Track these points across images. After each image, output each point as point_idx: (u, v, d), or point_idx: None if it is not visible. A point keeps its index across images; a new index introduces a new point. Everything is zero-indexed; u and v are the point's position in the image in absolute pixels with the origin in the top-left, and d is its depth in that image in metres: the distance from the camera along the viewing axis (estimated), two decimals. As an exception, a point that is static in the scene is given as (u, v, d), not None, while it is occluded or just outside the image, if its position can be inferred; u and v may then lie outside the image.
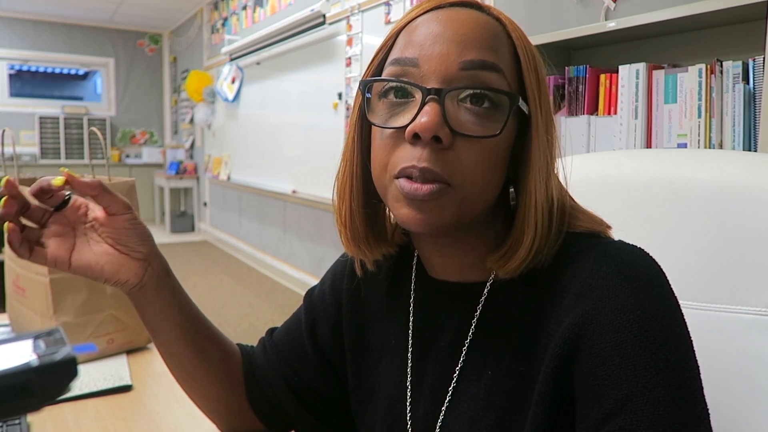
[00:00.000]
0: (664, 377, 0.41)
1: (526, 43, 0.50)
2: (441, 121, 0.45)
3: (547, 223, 0.48)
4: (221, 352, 0.66)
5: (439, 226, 0.48)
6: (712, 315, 0.59)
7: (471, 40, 0.47)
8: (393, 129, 0.48)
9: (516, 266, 0.49)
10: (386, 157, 0.49)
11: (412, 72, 0.48)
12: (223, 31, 5.51)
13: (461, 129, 0.46)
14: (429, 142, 0.46)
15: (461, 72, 0.46)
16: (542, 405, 0.46)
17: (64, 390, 0.30)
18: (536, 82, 0.49)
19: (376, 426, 0.61)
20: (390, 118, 0.49)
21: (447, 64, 0.46)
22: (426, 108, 0.45)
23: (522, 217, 0.49)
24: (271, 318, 3.51)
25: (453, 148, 0.46)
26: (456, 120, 0.46)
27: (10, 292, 1.09)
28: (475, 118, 0.47)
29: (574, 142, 1.87)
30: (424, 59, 0.47)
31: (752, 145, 1.48)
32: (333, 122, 3.66)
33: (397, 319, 0.61)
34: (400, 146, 0.48)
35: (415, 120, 0.46)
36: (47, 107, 6.73)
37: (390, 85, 0.49)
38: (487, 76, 0.47)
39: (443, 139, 0.45)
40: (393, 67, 0.49)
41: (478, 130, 0.46)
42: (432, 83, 0.47)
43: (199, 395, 0.67)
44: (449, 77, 0.46)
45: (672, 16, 1.57)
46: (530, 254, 0.48)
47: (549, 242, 0.49)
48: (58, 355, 0.29)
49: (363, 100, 0.51)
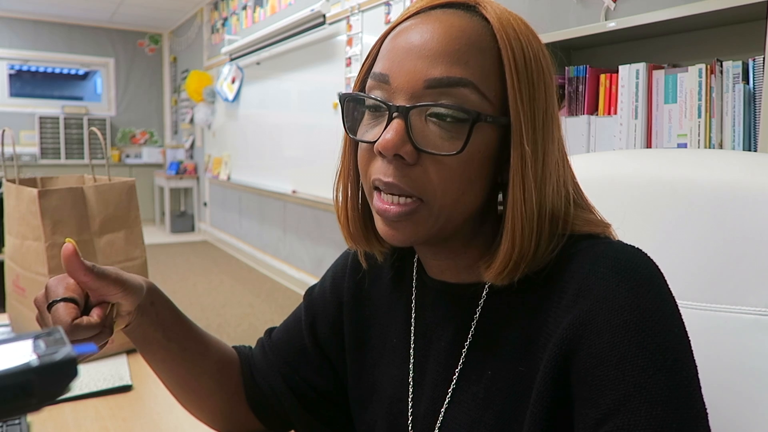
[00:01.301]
0: (661, 377, 0.41)
1: (519, 44, 0.47)
2: (403, 138, 0.46)
3: (530, 233, 0.47)
4: (216, 363, 0.66)
5: (415, 240, 0.49)
6: (712, 315, 0.59)
7: (438, 55, 0.46)
8: (366, 143, 0.50)
9: (496, 273, 0.48)
10: (365, 168, 0.51)
11: (384, 87, 0.49)
12: (223, 31, 5.51)
13: (425, 146, 0.46)
14: (393, 158, 0.47)
15: (426, 90, 0.46)
16: (540, 405, 0.46)
17: (64, 390, 0.30)
18: (527, 87, 0.47)
19: (376, 424, 0.61)
20: (367, 131, 0.50)
21: (414, 81, 0.47)
22: (392, 124, 0.46)
23: (502, 225, 0.48)
24: (271, 318, 3.51)
25: (420, 164, 0.47)
26: (422, 136, 0.47)
27: (10, 292, 1.09)
28: (443, 132, 0.47)
29: (575, 142, 1.87)
30: (394, 75, 0.48)
31: (752, 145, 1.48)
32: (333, 122, 3.66)
33: (399, 318, 0.61)
34: (374, 158, 0.49)
35: (381, 137, 0.47)
36: (47, 107, 6.73)
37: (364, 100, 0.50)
38: (453, 92, 0.46)
39: (405, 156, 0.46)
40: (371, 81, 0.50)
41: (444, 147, 0.46)
42: (400, 99, 0.47)
43: (195, 407, 0.67)
44: (416, 94, 0.47)
45: (672, 16, 1.57)
46: (509, 264, 0.47)
47: (540, 249, 0.48)
48: (58, 355, 0.29)
49: (342, 113, 0.52)
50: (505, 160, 0.49)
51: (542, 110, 0.48)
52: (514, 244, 0.47)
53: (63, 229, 0.98)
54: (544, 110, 0.48)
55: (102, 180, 1.11)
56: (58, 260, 0.97)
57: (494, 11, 0.49)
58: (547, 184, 0.48)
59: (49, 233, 0.97)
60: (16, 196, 1.02)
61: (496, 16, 0.48)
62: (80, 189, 1.01)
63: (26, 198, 0.99)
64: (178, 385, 0.65)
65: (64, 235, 0.98)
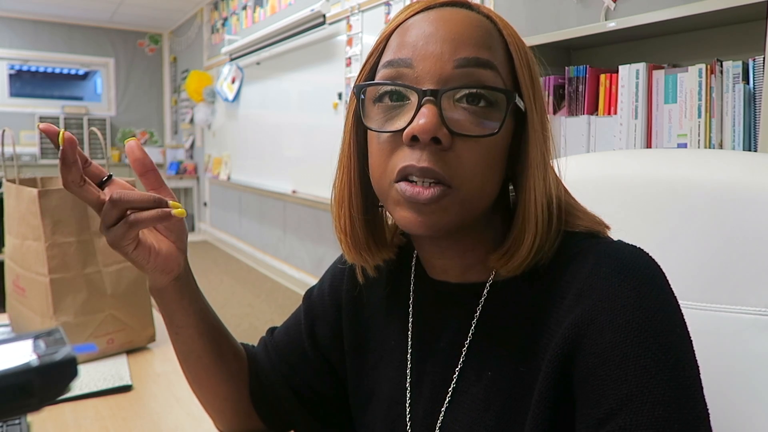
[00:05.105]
0: (663, 377, 0.41)
1: (518, 40, 0.50)
2: (438, 122, 0.45)
3: (547, 220, 0.49)
4: (234, 351, 0.66)
5: (441, 228, 0.48)
6: (712, 315, 0.59)
7: (464, 38, 0.47)
8: (390, 133, 0.48)
9: (518, 264, 0.49)
10: (385, 162, 0.49)
11: (406, 73, 0.47)
12: (223, 31, 5.51)
13: (459, 129, 0.46)
14: (428, 144, 0.45)
15: (456, 70, 0.46)
16: (542, 405, 0.46)
17: (64, 390, 0.30)
18: (530, 79, 0.49)
19: (375, 427, 0.61)
20: (386, 122, 0.49)
21: (441, 63, 0.46)
22: (423, 110, 0.45)
23: (522, 214, 0.48)
24: (271, 318, 3.51)
25: (452, 149, 0.46)
26: (453, 120, 0.46)
27: (10, 292, 1.09)
28: (473, 117, 0.46)
29: (574, 142, 1.87)
30: (418, 59, 0.47)
31: (752, 145, 1.48)
32: (333, 122, 3.66)
33: (397, 321, 0.61)
34: (398, 150, 0.48)
35: (413, 122, 0.45)
36: (47, 107, 6.72)
37: (385, 88, 0.49)
38: (482, 73, 0.46)
39: (442, 140, 0.45)
40: (387, 70, 0.49)
41: (477, 130, 0.46)
42: (427, 84, 0.46)
43: (210, 394, 0.67)
44: (444, 77, 0.46)
45: (672, 16, 1.57)
46: (532, 251, 0.48)
47: (549, 239, 0.49)
48: (58, 355, 0.29)
49: (358, 105, 0.51)
50: (512, 151, 0.50)
51: (540, 101, 0.50)
52: (537, 232, 0.48)
53: (63, 229, 0.98)
54: (542, 101, 0.50)
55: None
56: (58, 260, 0.97)
57: (487, 10, 0.51)
58: (549, 173, 0.50)
59: (49, 233, 0.97)
60: (16, 196, 1.02)
61: (492, 14, 0.51)
62: (80, 189, 1.01)
63: (26, 198, 0.99)
64: (201, 365, 0.64)
65: (64, 235, 0.98)
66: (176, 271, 0.58)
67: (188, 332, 0.62)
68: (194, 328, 0.62)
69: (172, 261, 0.57)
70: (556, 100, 1.93)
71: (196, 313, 0.62)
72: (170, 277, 0.58)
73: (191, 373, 0.65)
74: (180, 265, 0.58)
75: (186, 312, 0.61)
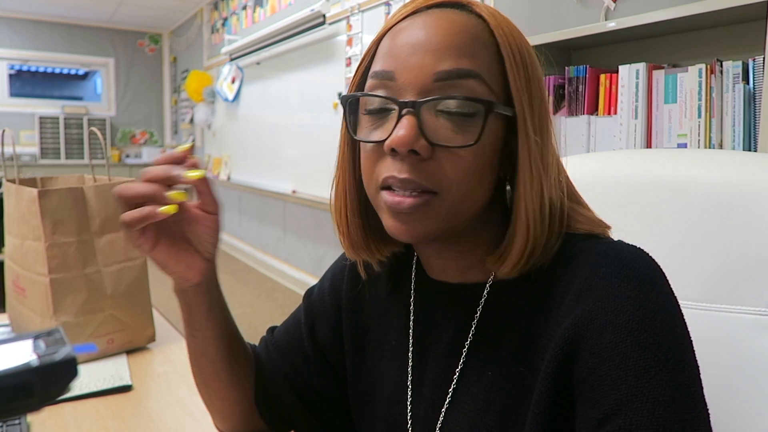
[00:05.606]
0: (663, 377, 0.41)
1: (514, 39, 0.49)
2: (417, 134, 0.46)
3: (541, 224, 0.48)
4: (245, 357, 0.66)
5: (426, 235, 0.49)
6: (712, 315, 0.59)
7: (445, 48, 0.47)
8: (373, 143, 0.49)
9: (511, 267, 0.49)
10: (371, 169, 0.50)
11: (389, 85, 0.48)
12: (223, 31, 5.51)
13: (438, 140, 0.46)
14: (407, 155, 0.46)
15: (436, 83, 0.46)
16: (542, 405, 0.46)
17: (64, 390, 0.30)
18: (525, 81, 0.48)
19: (376, 426, 0.61)
20: (372, 132, 0.50)
21: (422, 75, 0.47)
22: (403, 121, 0.46)
23: (515, 218, 0.49)
24: (271, 318, 3.51)
25: (434, 158, 0.47)
26: (433, 131, 0.46)
27: (10, 292, 1.09)
28: (453, 126, 0.47)
29: (574, 142, 1.87)
30: (401, 71, 0.47)
31: (752, 145, 1.48)
32: (333, 122, 3.66)
33: (397, 320, 0.61)
34: (382, 159, 0.49)
35: (392, 134, 0.46)
36: (47, 107, 6.73)
37: (369, 99, 0.50)
38: (463, 84, 0.46)
39: (420, 151, 0.46)
40: (372, 81, 0.50)
41: (457, 139, 0.46)
42: (408, 95, 0.47)
43: (217, 398, 0.67)
44: (425, 89, 0.47)
45: (672, 16, 1.57)
46: (524, 255, 0.48)
47: (548, 243, 0.49)
48: (58, 355, 0.29)
49: (345, 115, 0.52)
50: (507, 153, 0.50)
51: (539, 102, 0.49)
52: (528, 236, 0.48)
53: (63, 229, 0.98)
54: (540, 102, 0.49)
55: (102, 180, 1.11)
56: (58, 260, 0.97)
57: (486, 9, 0.50)
58: (549, 175, 0.49)
59: (49, 233, 0.97)
60: (16, 196, 1.02)
61: (489, 13, 0.50)
62: (80, 189, 1.01)
63: (26, 198, 0.99)
64: (214, 368, 0.64)
65: (64, 235, 0.98)
66: (197, 279, 0.58)
67: (204, 336, 0.62)
68: (211, 332, 0.62)
69: (193, 269, 0.57)
70: (556, 100, 1.93)
71: (215, 320, 0.62)
72: (190, 283, 0.58)
73: (201, 376, 0.65)
74: (202, 273, 0.58)
75: (206, 317, 0.61)
